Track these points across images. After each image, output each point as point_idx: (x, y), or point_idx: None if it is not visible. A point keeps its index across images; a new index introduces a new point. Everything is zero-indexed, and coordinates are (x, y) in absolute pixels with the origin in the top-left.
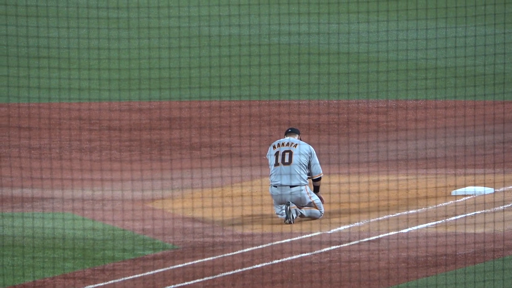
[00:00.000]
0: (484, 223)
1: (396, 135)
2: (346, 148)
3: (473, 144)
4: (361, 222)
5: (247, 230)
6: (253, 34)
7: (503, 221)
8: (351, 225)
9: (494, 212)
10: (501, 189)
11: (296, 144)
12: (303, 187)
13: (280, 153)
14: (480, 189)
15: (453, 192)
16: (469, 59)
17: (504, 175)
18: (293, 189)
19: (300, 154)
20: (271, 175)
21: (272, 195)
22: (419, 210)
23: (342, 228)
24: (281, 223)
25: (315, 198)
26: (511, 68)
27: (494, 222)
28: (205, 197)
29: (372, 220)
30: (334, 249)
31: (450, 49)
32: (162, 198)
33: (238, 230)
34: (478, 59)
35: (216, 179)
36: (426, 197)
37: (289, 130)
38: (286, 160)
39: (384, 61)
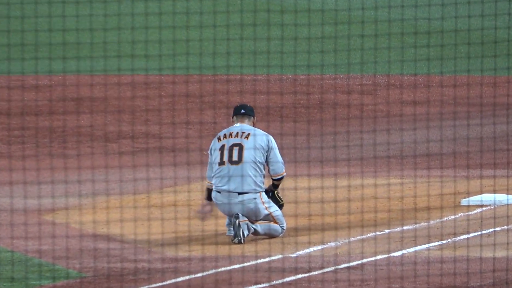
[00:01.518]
0: (507, 244)
1: (387, 124)
2: (319, 141)
3: (493, 136)
4: (338, 242)
5: (182, 252)
6: None
7: None
8: (324, 246)
9: None
10: None
11: (249, 134)
12: (257, 195)
13: (227, 147)
14: (501, 197)
15: (465, 202)
16: (487, 20)
17: None
18: (244, 197)
19: (254, 148)
20: (214, 176)
21: (215, 203)
22: (417, 225)
23: (312, 249)
24: (229, 243)
25: (273, 209)
26: None
27: None
28: (125, 207)
29: (353, 239)
30: (301, 279)
31: (461, 6)
32: (66, 209)
33: (169, 252)
34: (500, 19)
35: (140, 182)
36: (428, 208)
37: (242, 111)
38: (235, 157)
39: (371, 22)
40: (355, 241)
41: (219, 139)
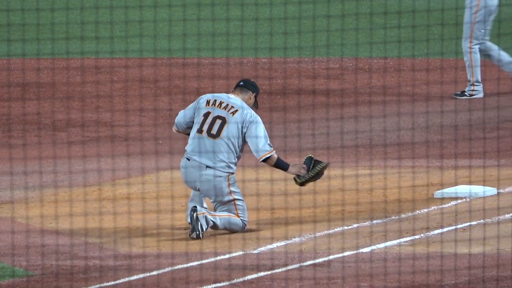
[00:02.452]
0: (484, 239)
1: (355, 110)
2: (282, 129)
3: (468, 124)
4: (303, 238)
5: (136, 248)
6: None
7: None
8: (288, 242)
9: (498, 223)
10: (508, 189)
11: (237, 111)
12: (224, 174)
13: (211, 116)
14: (477, 189)
15: (438, 194)
16: None
17: None
18: (210, 171)
19: (236, 125)
20: (189, 143)
21: (181, 170)
22: (388, 219)
23: (275, 245)
24: (186, 239)
25: (238, 197)
26: None
27: (498, 237)
28: (75, 201)
29: (319, 234)
30: (263, 277)
31: None
32: (12, 202)
33: (122, 248)
34: None
35: (91, 173)
36: (399, 201)
37: (240, 84)
38: (214, 130)
39: (337, 1)
40: (321, 236)
41: (207, 102)
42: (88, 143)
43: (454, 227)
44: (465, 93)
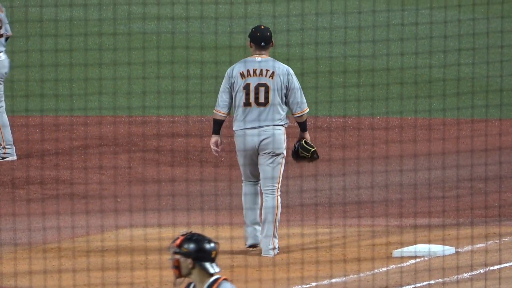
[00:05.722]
0: None
1: (315, 169)
2: (241, 187)
3: (428, 183)
4: None
5: None
6: (105, 18)
7: None
8: None
9: (457, 282)
10: (467, 248)
11: (273, 73)
12: (280, 128)
13: (253, 87)
14: (437, 248)
15: (397, 253)
16: (421, 58)
17: (472, 228)
18: (266, 128)
19: (279, 85)
20: (238, 119)
21: (236, 138)
22: (347, 278)
23: None
24: None
25: (283, 155)
26: (481, 71)
27: None
28: (34, 258)
29: None
30: None
31: (393, 43)
32: None
33: None
34: (435, 57)
35: (50, 231)
36: (358, 260)
37: (262, 45)
38: (261, 99)
39: (296, 59)
40: None
41: (242, 75)
42: (47, 201)
43: (413, 286)
44: None
